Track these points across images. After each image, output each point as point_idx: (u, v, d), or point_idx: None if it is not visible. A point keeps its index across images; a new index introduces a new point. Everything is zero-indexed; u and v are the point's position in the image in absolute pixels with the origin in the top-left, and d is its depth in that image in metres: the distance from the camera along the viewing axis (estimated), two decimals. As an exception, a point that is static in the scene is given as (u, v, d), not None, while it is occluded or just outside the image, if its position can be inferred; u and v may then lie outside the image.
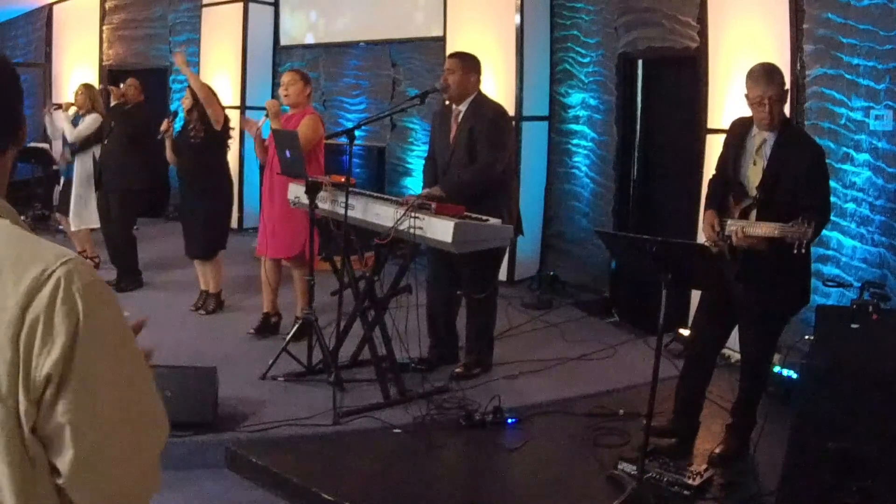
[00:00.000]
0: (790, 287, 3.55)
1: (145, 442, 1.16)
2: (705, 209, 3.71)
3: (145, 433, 1.16)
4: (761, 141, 3.53)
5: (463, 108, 4.54)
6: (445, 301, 4.76)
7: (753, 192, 3.54)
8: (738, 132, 3.67)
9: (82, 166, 6.69)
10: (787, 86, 3.57)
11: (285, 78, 5.21)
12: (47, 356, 1.06)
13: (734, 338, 3.94)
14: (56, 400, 1.06)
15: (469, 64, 4.56)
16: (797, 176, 3.39)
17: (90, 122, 6.63)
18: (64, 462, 1.09)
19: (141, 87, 6.55)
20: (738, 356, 4.22)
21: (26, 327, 1.06)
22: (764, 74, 3.43)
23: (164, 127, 5.64)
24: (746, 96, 3.50)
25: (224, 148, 5.68)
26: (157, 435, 1.19)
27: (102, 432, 1.09)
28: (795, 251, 3.17)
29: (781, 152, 3.45)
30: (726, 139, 3.79)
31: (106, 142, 6.40)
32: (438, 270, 4.75)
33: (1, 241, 1.13)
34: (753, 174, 3.55)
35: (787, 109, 4.62)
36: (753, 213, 3.50)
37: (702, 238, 3.77)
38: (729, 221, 3.53)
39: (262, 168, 5.64)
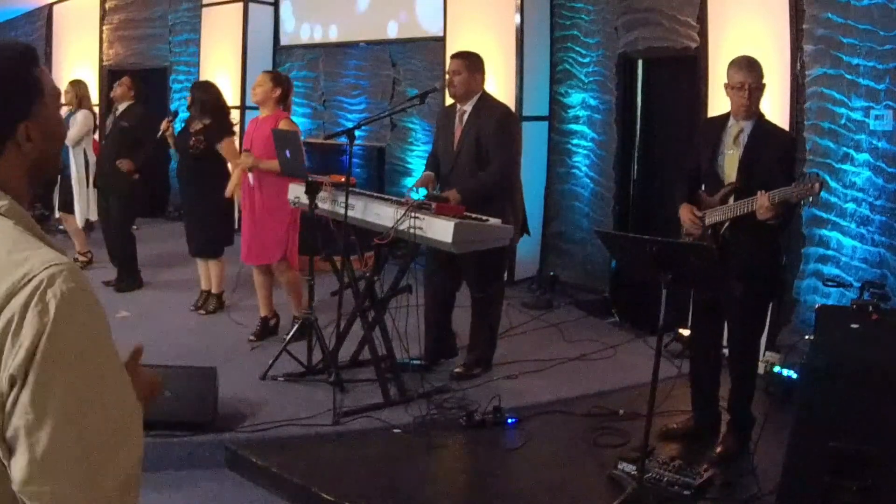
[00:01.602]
0: (765, 275, 3.65)
1: (109, 461, 1.09)
2: (678, 203, 3.81)
3: (109, 452, 1.09)
4: (738, 130, 3.66)
5: (468, 107, 4.54)
6: (441, 299, 4.75)
7: (730, 179, 3.65)
8: (712, 127, 3.82)
9: (76, 163, 6.70)
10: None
11: (258, 78, 5.19)
12: (13, 359, 1.04)
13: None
14: (16, 402, 1.04)
15: (473, 63, 4.56)
16: (771, 161, 3.53)
17: (81, 119, 6.62)
18: (17, 467, 1.05)
19: (132, 85, 6.52)
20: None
21: (0, 330, 1.05)
22: (746, 63, 3.61)
23: (164, 126, 5.63)
24: (727, 85, 3.65)
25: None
26: (124, 457, 1.11)
27: (57, 440, 1.04)
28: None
29: (758, 140, 3.60)
30: (700, 136, 3.93)
31: (104, 142, 6.41)
32: (435, 268, 4.74)
33: None
34: (730, 162, 3.67)
35: (785, 108, 4.67)
36: (731, 199, 3.60)
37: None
38: (708, 211, 3.64)
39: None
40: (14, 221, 1.16)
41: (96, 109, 7.31)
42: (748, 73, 3.56)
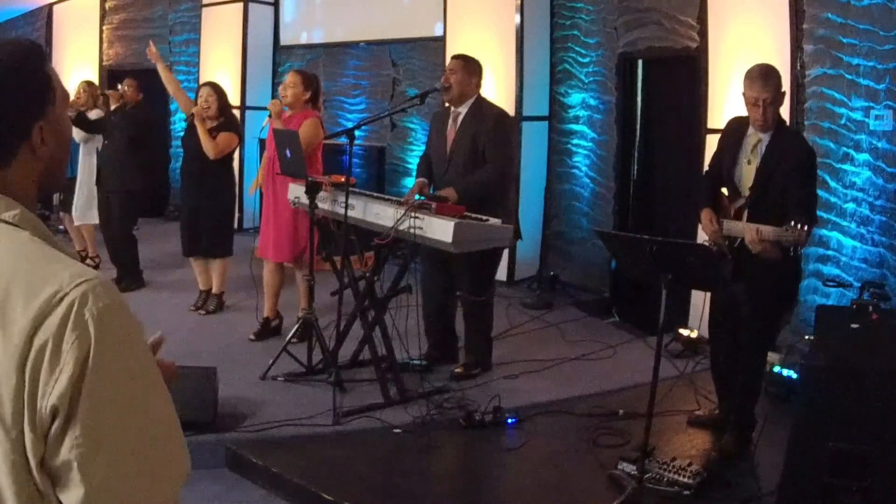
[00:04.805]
0: (780, 287, 3.61)
1: (161, 478, 1.07)
2: (699, 207, 3.77)
3: (162, 469, 1.08)
4: (756, 141, 3.60)
5: (463, 110, 4.53)
6: (440, 301, 4.75)
7: (746, 191, 3.60)
8: (734, 131, 3.74)
9: (87, 164, 6.69)
10: (785, 88, 3.63)
11: (288, 78, 5.18)
12: (54, 386, 0.99)
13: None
14: (63, 434, 0.99)
15: (471, 66, 4.56)
16: (787, 175, 3.46)
17: (94, 118, 6.62)
18: (71, 500, 1.01)
19: (138, 85, 6.54)
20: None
21: (33, 354, 0.99)
22: (760, 77, 3.49)
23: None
24: (743, 94, 3.57)
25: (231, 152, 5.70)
26: (174, 470, 1.10)
27: (112, 470, 1.01)
28: (792, 254, 3.24)
29: (775, 153, 3.52)
30: (721, 138, 3.87)
31: (107, 142, 6.39)
32: (431, 271, 4.74)
33: (16, 255, 1.06)
34: (747, 173, 3.62)
35: (785, 108, 4.66)
36: (745, 214, 3.56)
37: (702, 237, 3.80)
38: (725, 222, 3.57)
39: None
40: (30, 232, 1.10)
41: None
42: (762, 87, 3.45)
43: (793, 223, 3.18)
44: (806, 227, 3.16)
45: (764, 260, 3.41)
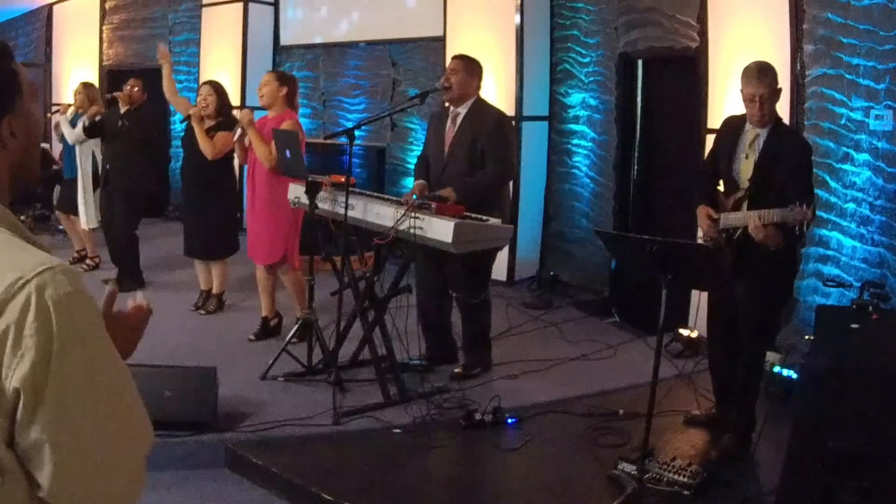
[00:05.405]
0: (778, 280, 3.64)
1: (127, 450, 1.14)
2: (696, 204, 3.79)
3: (127, 442, 1.14)
4: (754, 136, 3.64)
5: (462, 110, 4.53)
6: (435, 302, 4.75)
7: (745, 184, 3.64)
8: (731, 129, 3.79)
9: (83, 164, 6.69)
10: (785, 88, 3.66)
11: (262, 78, 5.15)
12: (16, 369, 1.02)
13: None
14: (32, 417, 1.03)
15: (472, 67, 4.56)
16: (786, 169, 3.51)
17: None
18: (44, 477, 1.06)
19: (143, 85, 6.54)
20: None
21: None
22: (756, 73, 3.55)
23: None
24: (741, 91, 3.62)
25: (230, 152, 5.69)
26: (139, 442, 1.16)
27: (83, 448, 1.07)
28: (798, 232, 3.30)
29: (772, 147, 3.57)
30: (718, 135, 3.92)
31: (113, 144, 6.36)
32: (426, 271, 4.73)
33: None
34: (745, 168, 3.66)
35: (785, 108, 4.67)
36: (745, 205, 3.59)
37: (701, 237, 3.81)
38: (723, 215, 3.61)
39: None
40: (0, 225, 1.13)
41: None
42: (759, 84, 3.50)
43: (797, 203, 3.23)
44: (809, 206, 3.21)
45: (763, 251, 3.43)
